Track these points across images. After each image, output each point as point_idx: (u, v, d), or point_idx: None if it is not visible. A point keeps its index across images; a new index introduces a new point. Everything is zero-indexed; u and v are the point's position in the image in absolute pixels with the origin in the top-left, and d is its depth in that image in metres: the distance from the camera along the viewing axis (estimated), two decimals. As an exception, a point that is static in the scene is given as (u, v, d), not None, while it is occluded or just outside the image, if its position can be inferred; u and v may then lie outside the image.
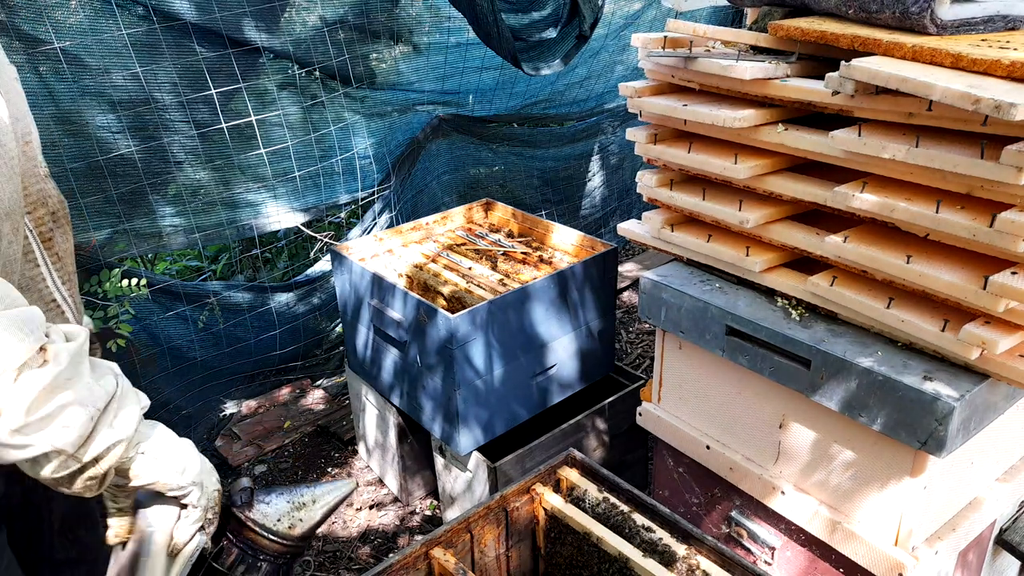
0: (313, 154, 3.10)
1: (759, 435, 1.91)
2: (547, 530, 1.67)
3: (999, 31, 1.62)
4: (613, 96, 4.40)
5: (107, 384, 1.01)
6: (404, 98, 3.49)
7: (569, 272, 2.48)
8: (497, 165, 4.28)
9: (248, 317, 3.18)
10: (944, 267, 1.48)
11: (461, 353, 2.26)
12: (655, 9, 4.19)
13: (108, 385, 1.01)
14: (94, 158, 2.55)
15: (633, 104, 1.95)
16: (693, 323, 1.92)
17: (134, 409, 1.04)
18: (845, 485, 1.74)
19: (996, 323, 1.44)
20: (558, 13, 3.28)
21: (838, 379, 1.63)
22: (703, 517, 2.18)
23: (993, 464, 1.84)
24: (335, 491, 1.34)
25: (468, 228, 3.06)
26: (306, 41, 2.96)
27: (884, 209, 1.50)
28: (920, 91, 1.35)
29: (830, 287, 1.67)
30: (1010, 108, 1.22)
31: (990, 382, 1.53)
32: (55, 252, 1.27)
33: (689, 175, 1.99)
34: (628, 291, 4.42)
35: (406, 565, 1.49)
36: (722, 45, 1.94)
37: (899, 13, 1.56)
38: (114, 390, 1.02)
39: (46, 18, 2.34)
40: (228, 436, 3.29)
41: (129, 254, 2.80)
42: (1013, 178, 1.30)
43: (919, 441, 1.52)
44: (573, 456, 1.73)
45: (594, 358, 2.70)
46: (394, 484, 2.92)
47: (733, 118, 1.68)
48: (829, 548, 1.81)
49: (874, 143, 1.48)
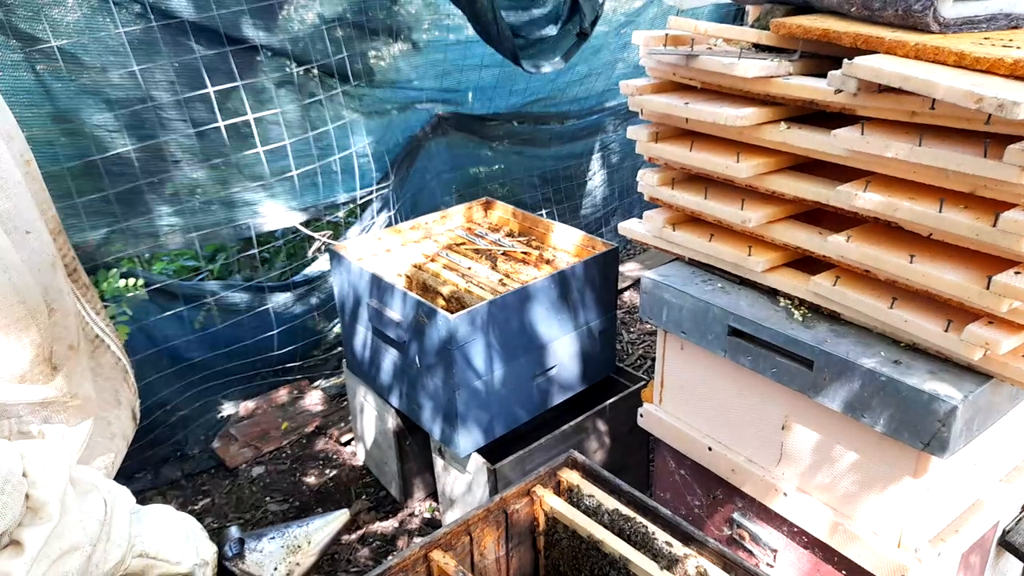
0: (311, 153, 3.09)
1: (761, 436, 1.90)
2: (547, 532, 1.66)
3: (1002, 29, 1.61)
4: (614, 94, 4.38)
5: (95, 510, 0.95)
6: (403, 96, 3.48)
7: (570, 272, 2.46)
8: (497, 164, 4.27)
9: (246, 317, 3.17)
10: (947, 267, 1.47)
11: (461, 354, 2.24)
12: (656, 6, 4.17)
13: (96, 511, 0.95)
14: (91, 157, 2.54)
15: (634, 102, 1.93)
16: (695, 323, 1.90)
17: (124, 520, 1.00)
18: (848, 487, 1.73)
19: (999, 323, 1.43)
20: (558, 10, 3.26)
21: (841, 380, 1.61)
22: (705, 519, 2.17)
23: (996, 465, 1.83)
24: (328, 527, 1.29)
25: (468, 227, 3.05)
26: (304, 39, 2.95)
27: (887, 208, 1.49)
28: (923, 90, 1.34)
29: (833, 287, 1.66)
30: (1013, 107, 1.21)
31: (993, 383, 1.52)
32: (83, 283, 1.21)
33: (691, 174, 1.98)
34: (629, 291, 4.41)
35: (405, 567, 1.47)
36: (724, 43, 1.93)
37: (902, 11, 1.55)
38: (103, 513, 0.96)
39: (43, 16, 2.32)
40: (226, 437, 3.28)
41: (126, 254, 2.78)
42: (1016, 177, 1.29)
43: (922, 442, 1.51)
44: (573, 458, 1.72)
45: (595, 359, 2.68)
46: (393, 486, 2.90)
47: (735, 116, 1.66)
48: (831, 550, 1.80)
49: (877, 142, 1.47)
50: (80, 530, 0.91)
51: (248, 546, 1.21)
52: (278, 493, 3.01)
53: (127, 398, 1.28)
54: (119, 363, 1.26)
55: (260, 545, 1.22)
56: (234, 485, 3.06)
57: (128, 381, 1.30)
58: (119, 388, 1.26)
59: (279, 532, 1.25)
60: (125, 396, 1.28)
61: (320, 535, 1.27)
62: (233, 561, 1.19)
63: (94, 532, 0.94)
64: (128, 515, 1.02)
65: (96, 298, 1.27)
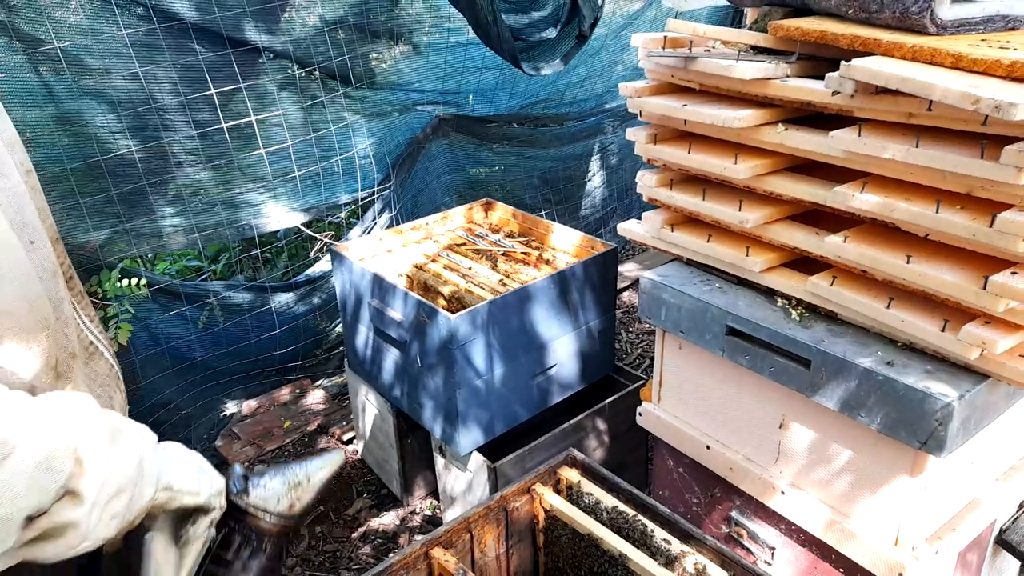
0: (313, 154, 3.10)
1: (759, 435, 1.91)
2: (547, 530, 1.67)
3: (999, 31, 1.62)
4: (613, 96, 4.39)
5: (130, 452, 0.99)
6: (404, 98, 3.49)
7: (569, 272, 2.48)
8: (497, 165, 4.28)
9: (248, 317, 3.18)
10: (944, 267, 1.48)
11: (461, 353, 2.26)
12: (655, 9, 4.19)
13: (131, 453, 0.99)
14: (94, 158, 2.55)
15: (633, 104, 1.95)
16: (693, 323, 1.91)
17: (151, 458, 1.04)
18: (845, 485, 1.74)
19: (996, 323, 1.44)
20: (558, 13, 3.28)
21: (838, 379, 1.63)
22: (703, 517, 2.18)
23: (993, 464, 1.84)
24: (326, 466, 1.36)
25: (468, 228, 3.06)
26: (306, 41, 2.96)
27: (884, 209, 1.50)
28: (920, 91, 1.35)
29: (830, 287, 1.67)
30: (1010, 108, 1.22)
31: (990, 382, 1.53)
32: (78, 291, 1.23)
33: (689, 175, 1.99)
34: (628, 291, 4.42)
35: (406, 565, 1.49)
36: (722, 45, 1.94)
37: (899, 13, 1.56)
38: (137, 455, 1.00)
39: (46, 18, 2.34)
40: (228, 436, 3.29)
41: (129, 254, 2.80)
42: (1013, 178, 1.30)
43: (919, 441, 1.52)
44: (573, 456, 1.73)
45: (594, 358, 2.70)
46: (394, 484, 2.92)
47: (733, 118, 1.67)
48: (829, 548, 1.81)
49: (874, 143, 1.48)
50: (121, 473, 0.96)
51: (252, 482, 1.26)
52: (279, 492, 3.02)
53: (120, 404, 1.30)
54: (112, 369, 1.28)
55: (263, 481, 1.27)
56: (236, 484, 3.07)
57: (120, 387, 1.32)
58: (113, 394, 1.28)
59: (279, 470, 1.30)
60: (118, 402, 1.30)
61: (320, 473, 1.34)
62: (239, 495, 1.23)
63: (133, 474, 0.98)
64: (154, 452, 1.06)
65: (90, 305, 1.28)
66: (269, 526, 1.26)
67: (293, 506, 1.28)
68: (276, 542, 1.28)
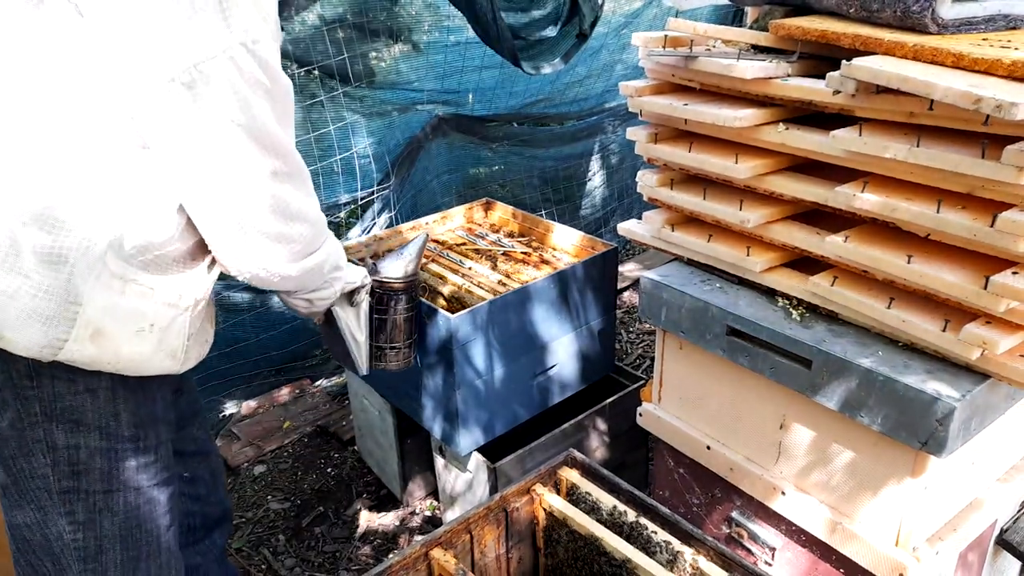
0: (312, 153, 3.09)
1: (760, 435, 1.91)
2: (547, 530, 1.67)
3: (1000, 30, 1.62)
4: (613, 95, 4.39)
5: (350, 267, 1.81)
6: (404, 97, 3.48)
7: (569, 272, 2.47)
8: (497, 164, 4.27)
9: (247, 317, 3.17)
10: (945, 267, 1.47)
11: (461, 353, 2.25)
12: (656, 8, 4.18)
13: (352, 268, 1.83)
14: (93, 158, 2.54)
15: (633, 103, 1.94)
16: (693, 323, 1.91)
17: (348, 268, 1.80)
18: (846, 485, 1.74)
19: (997, 323, 1.44)
20: (558, 11, 3.27)
21: (839, 379, 1.62)
22: (703, 518, 2.17)
23: (994, 464, 1.84)
24: (418, 241, 2.04)
25: (468, 228, 3.06)
26: (305, 40, 2.96)
27: (885, 209, 1.50)
28: (921, 90, 1.35)
29: (831, 287, 1.67)
30: (1011, 107, 1.22)
31: (991, 382, 1.52)
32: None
33: (690, 175, 1.98)
34: (628, 291, 4.42)
35: (406, 566, 1.48)
36: (723, 44, 1.94)
37: (900, 12, 1.55)
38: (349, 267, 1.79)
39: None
40: (227, 436, 3.29)
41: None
42: (1014, 178, 1.29)
43: (920, 441, 1.51)
44: (573, 456, 1.73)
45: (594, 358, 2.69)
46: (394, 484, 2.91)
47: (734, 117, 1.67)
48: (830, 549, 1.81)
49: (875, 143, 1.48)
50: (353, 272, 1.82)
51: (379, 265, 1.97)
52: (279, 492, 3.02)
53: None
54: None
55: (384, 263, 1.98)
56: (236, 484, 3.07)
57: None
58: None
59: (392, 254, 2.01)
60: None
61: (415, 247, 2.02)
62: (375, 273, 1.94)
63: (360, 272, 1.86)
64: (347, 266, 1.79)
65: None
66: (399, 284, 1.96)
67: (408, 269, 1.98)
68: (408, 294, 1.99)
